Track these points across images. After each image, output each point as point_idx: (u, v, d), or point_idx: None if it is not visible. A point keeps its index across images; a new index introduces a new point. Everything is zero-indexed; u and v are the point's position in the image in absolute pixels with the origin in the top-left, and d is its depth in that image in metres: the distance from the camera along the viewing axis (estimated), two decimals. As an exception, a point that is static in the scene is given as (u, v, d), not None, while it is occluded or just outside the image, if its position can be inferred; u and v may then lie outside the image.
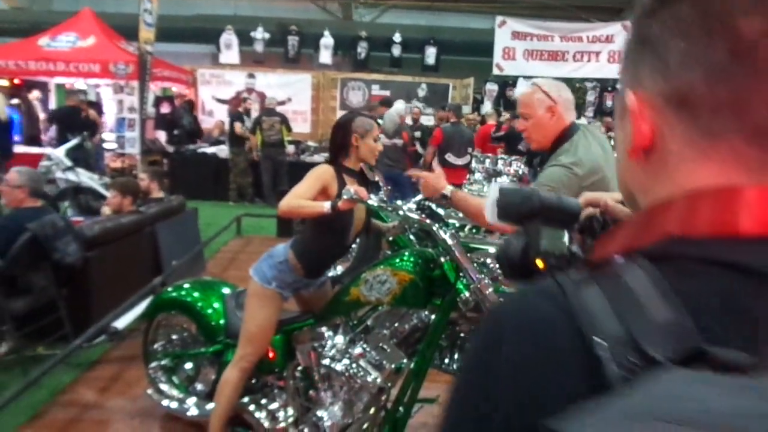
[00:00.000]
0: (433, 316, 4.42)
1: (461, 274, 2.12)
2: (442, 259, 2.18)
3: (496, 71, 12.25)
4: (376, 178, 2.46)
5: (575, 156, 2.18)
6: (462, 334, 4.24)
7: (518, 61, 12.16)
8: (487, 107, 12.31)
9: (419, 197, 4.48)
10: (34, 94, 10.47)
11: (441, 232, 2.15)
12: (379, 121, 7.89)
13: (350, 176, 2.36)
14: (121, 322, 3.87)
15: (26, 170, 3.57)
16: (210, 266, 5.60)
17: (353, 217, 2.37)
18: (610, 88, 12.37)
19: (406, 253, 2.31)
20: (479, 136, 8.25)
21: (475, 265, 2.13)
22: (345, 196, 2.10)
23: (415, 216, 2.22)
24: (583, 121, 12.00)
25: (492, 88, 12.63)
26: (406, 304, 2.26)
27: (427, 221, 2.18)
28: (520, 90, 2.46)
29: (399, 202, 3.09)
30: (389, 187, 2.98)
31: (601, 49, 11.91)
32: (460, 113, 7.90)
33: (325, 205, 2.19)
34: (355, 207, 2.36)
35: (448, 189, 2.19)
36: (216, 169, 9.82)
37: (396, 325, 2.50)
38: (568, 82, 12.20)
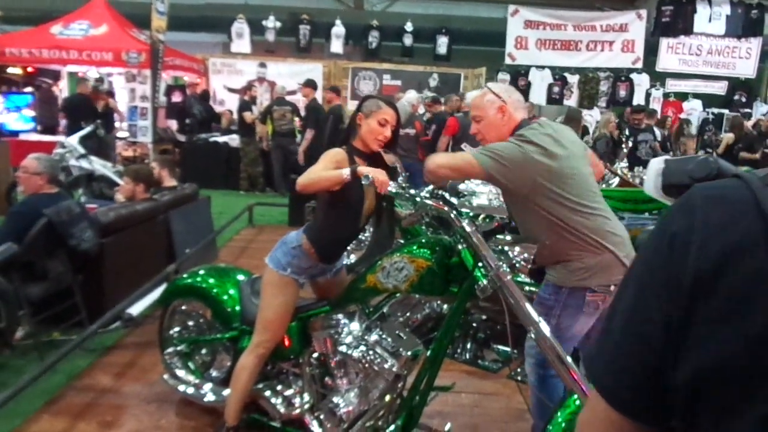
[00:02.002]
0: (445, 306, 4.42)
1: (479, 261, 2.10)
2: (460, 247, 2.16)
3: (508, 61, 12.13)
4: (396, 165, 2.43)
5: (522, 137, 2.23)
6: (474, 324, 4.25)
7: (531, 50, 12.04)
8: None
9: (431, 187, 4.46)
10: (60, 84, 10.50)
11: (459, 219, 2.13)
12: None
13: (360, 158, 2.33)
14: (136, 309, 3.90)
15: (45, 157, 3.58)
16: (222, 255, 5.61)
17: (364, 199, 2.36)
18: (623, 78, 12.21)
19: (424, 240, 2.30)
20: None
21: (493, 252, 2.11)
22: (364, 182, 2.08)
23: (432, 203, 2.20)
24: (595, 111, 11.92)
25: (504, 77, 12.51)
26: (423, 292, 2.25)
27: (445, 208, 2.16)
28: (472, 94, 2.50)
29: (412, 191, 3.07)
30: (408, 173, 2.95)
31: (614, 39, 11.77)
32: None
33: (344, 172, 2.18)
34: (366, 189, 2.34)
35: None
36: (227, 159, 9.84)
37: (409, 313, 2.49)
38: (581, 71, 12.19)
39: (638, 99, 11.88)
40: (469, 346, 3.93)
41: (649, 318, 0.57)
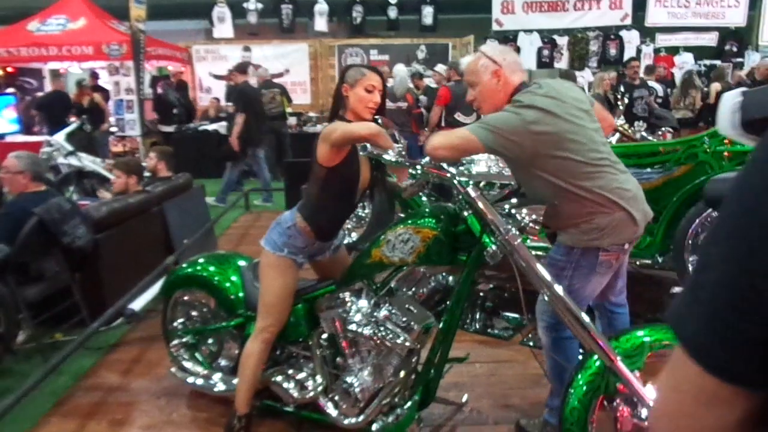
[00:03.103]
0: (450, 278, 4.38)
1: (487, 227, 2.03)
2: (465, 213, 2.09)
3: (495, 27, 11.94)
4: (394, 132, 2.34)
5: (519, 103, 2.11)
6: (482, 293, 4.20)
7: (518, 14, 11.84)
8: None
9: (427, 158, 4.37)
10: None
11: (463, 185, 2.05)
12: (390, 80, 7.68)
13: None
14: (137, 304, 3.84)
15: (25, 154, 3.46)
16: (221, 243, 5.53)
17: (359, 175, 2.28)
18: (612, 36, 12.04)
19: (427, 210, 2.22)
20: None
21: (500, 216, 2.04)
22: (361, 153, 1.99)
23: (434, 170, 2.11)
24: (587, 72, 11.76)
25: (492, 44, 12.35)
26: (431, 262, 2.18)
27: (448, 175, 2.08)
28: (466, 60, 2.39)
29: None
30: (405, 141, 2.87)
31: (602, -4, 11.58)
32: (461, 70, 7.70)
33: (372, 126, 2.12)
34: (362, 163, 2.27)
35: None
36: (218, 147, 9.68)
37: (415, 288, 2.42)
38: (570, 32, 12.01)
39: (629, 56, 11.71)
40: (478, 315, 3.89)
41: (753, 269, 0.49)
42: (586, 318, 1.91)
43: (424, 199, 4.40)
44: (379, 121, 2.25)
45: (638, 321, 3.52)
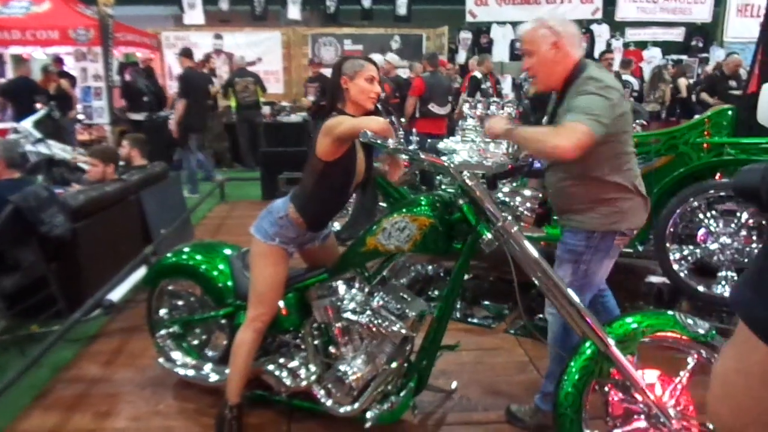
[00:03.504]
0: (430, 267, 4.37)
1: (482, 215, 2.04)
2: (461, 201, 2.10)
3: (469, 18, 12.00)
4: (395, 122, 2.33)
5: (602, 82, 2.09)
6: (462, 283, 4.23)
7: (491, 6, 11.92)
8: (462, 57, 12.12)
9: (414, 147, 4.37)
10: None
11: (459, 173, 2.06)
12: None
13: None
14: (116, 294, 3.75)
15: (-1, 140, 3.34)
16: (198, 233, 5.44)
17: (356, 169, 2.26)
18: (584, 30, 12.20)
19: (423, 198, 2.22)
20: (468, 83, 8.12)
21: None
22: (362, 139, 1.98)
23: (432, 159, 2.11)
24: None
25: (466, 36, 12.40)
26: (427, 250, 2.18)
27: (445, 163, 2.08)
28: (524, 27, 2.30)
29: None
30: (404, 132, 2.86)
31: (574, -11, 11.73)
32: (435, 61, 7.71)
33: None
34: (358, 157, 2.25)
35: (506, 127, 2.22)
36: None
37: (404, 278, 2.43)
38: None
39: (599, 50, 11.90)
40: (458, 305, 3.92)
41: None
42: (581, 305, 1.94)
43: (406, 188, 4.41)
44: (393, 118, 2.24)
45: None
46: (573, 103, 2.08)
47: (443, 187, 4.32)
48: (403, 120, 7.12)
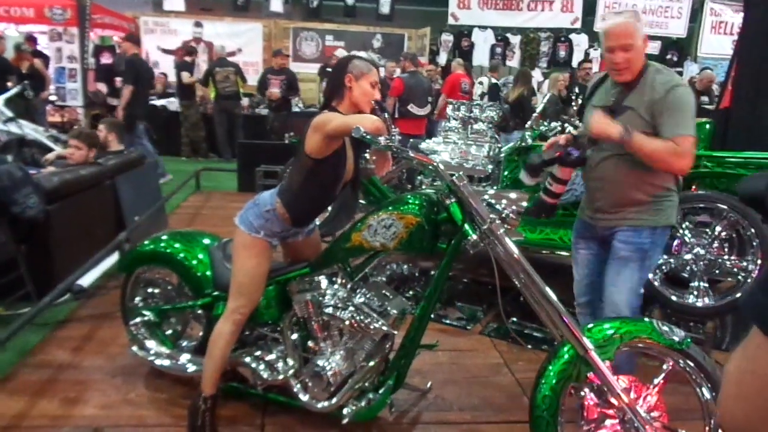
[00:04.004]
0: (405, 267, 4.38)
1: (469, 216, 2.05)
2: (448, 201, 2.10)
3: (451, 21, 12.06)
4: (388, 122, 2.33)
5: (680, 81, 2.19)
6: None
7: (473, 9, 12.00)
8: (443, 58, 12.17)
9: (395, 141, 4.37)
10: None
11: (446, 173, 2.06)
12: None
13: None
14: (87, 280, 3.68)
15: (-29, 118, 3.24)
16: (172, 222, 5.35)
17: (345, 169, 2.25)
18: (563, 38, 12.40)
19: (410, 197, 2.22)
20: (449, 85, 8.13)
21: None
22: (354, 135, 1.97)
23: (421, 158, 2.11)
24: (537, 72, 12.05)
25: (447, 38, 12.45)
26: (413, 249, 2.18)
27: (435, 162, 2.08)
28: (614, 20, 2.28)
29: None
30: (397, 129, 2.85)
31: (554, -2, 11.89)
32: (416, 62, 7.73)
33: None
34: (348, 156, 2.25)
35: (622, 130, 2.16)
36: (166, 123, 9.35)
37: (381, 276, 2.43)
38: (523, 32, 12.29)
39: (577, 59, 12.11)
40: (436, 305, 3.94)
41: None
42: (563, 308, 1.96)
43: (386, 186, 4.41)
44: (386, 114, 2.23)
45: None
46: (675, 110, 2.15)
47: (424, 187, 4.34)
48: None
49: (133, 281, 2.80)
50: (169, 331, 2.75)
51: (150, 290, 2.79)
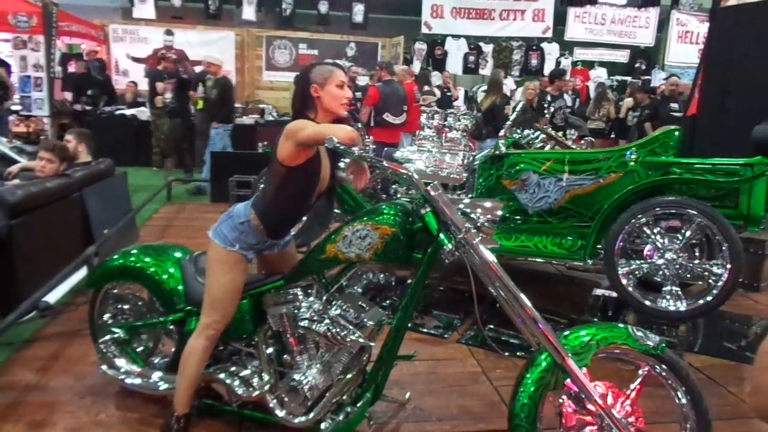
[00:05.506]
0: (381, 276, 4.37)
1: (444, 226, 2.04)
2: (423, 211, 2.09)
3: (424, 29, 12.13)
4: (361, 130, 2.31)
5: None
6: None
7: (446, 19, 12.09)
8: (417, 67, 12.22)
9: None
10: None
11: (421, 183, 2.05)
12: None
13: None
14: (53, 296, 3.57)
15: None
16: (143, 235, 5.25)
17: (319, 178, 2.23)
18: (534, 47, 12.58)
19: (385, 207, 2.20)
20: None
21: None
22: (327, 145, 1.94)
23: (395, 167, 2.09)
24: (509, 80, 12.19)
25: (421, 47, 12.52)
26: (388, 260, 2.16)
27: (409, 172, 2.07)
28: None
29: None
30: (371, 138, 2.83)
31: (526, 8, 12.03)
32: (391, 70, 7.73)
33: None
34: (323, 165, 2.22)
35: None
36: (136, 133, 9.19)
37: (357, 286, 2.40)
38: (495, 41, 12.43)
39: (549, 67, 12.30)
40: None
41: None
42: (539, 316, 1.96)
43: (361, 195, 4.39)
44: (359, 125, 2.21)
45: (561, 321, 3.71)
46: None
47: (399, 196, 4.33)
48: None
49: (102, 297, 2.71)
50: (140, 349, 2.67)
51: (120, 306, 2.71)
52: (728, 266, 3.40)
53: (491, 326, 3.58)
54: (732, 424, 2.65)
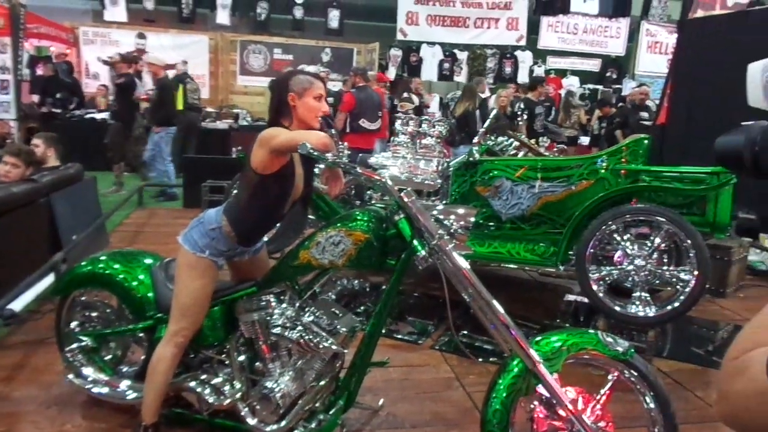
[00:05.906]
0: (356, 282, 4.36)
1: (417, 232, 2.04)
2: (396, 218, 2.09)
3: (400, 36, 12.18)
4: (335, 138, 2.30)
5: None
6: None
7: (422, 26, 12.16)
8: (392, 73, 12.27)
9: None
10: None
11: (395, 189, 2.06)
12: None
13: None
14: (18, 304, 3.48)
15: None
16: (113, 240, 5.15)
17: (293, 186, 2.22)
18: (508, 55, 12.72)
19: (359, 213, 2.19)
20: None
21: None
22: (300, 151, 1.93)
23: (368, 174, 2.09)
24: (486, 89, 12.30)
25: (396, 53, 12.56)
26: (361, 266, 2.16)
27: (383, 179, 2.07)
28: None
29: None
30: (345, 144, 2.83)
31: (500, 16, 12.16)
32: (367, 76, 7.74)
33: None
34: (297, 173, 2.21)
35: None
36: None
37: (330, 292, 2.39)
38: (470, 48, 12.54)
39: (522, 75, 12.47)
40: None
41: None
42: (511, 322, 1.98)
43: (335, 202, 4.38)
44: (333, 131, 2.21)
45: (533, 326, 3.74)
46: None
47: (373, 202, 4.33)
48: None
49: (69, 304, 2.66)
50: (109, 357, 2.62)
51: (87, 314, 2.65)
52: (695, 272, 3.47)
53: (465, 332, 3.59)
54: (699, 427, 2.70)
